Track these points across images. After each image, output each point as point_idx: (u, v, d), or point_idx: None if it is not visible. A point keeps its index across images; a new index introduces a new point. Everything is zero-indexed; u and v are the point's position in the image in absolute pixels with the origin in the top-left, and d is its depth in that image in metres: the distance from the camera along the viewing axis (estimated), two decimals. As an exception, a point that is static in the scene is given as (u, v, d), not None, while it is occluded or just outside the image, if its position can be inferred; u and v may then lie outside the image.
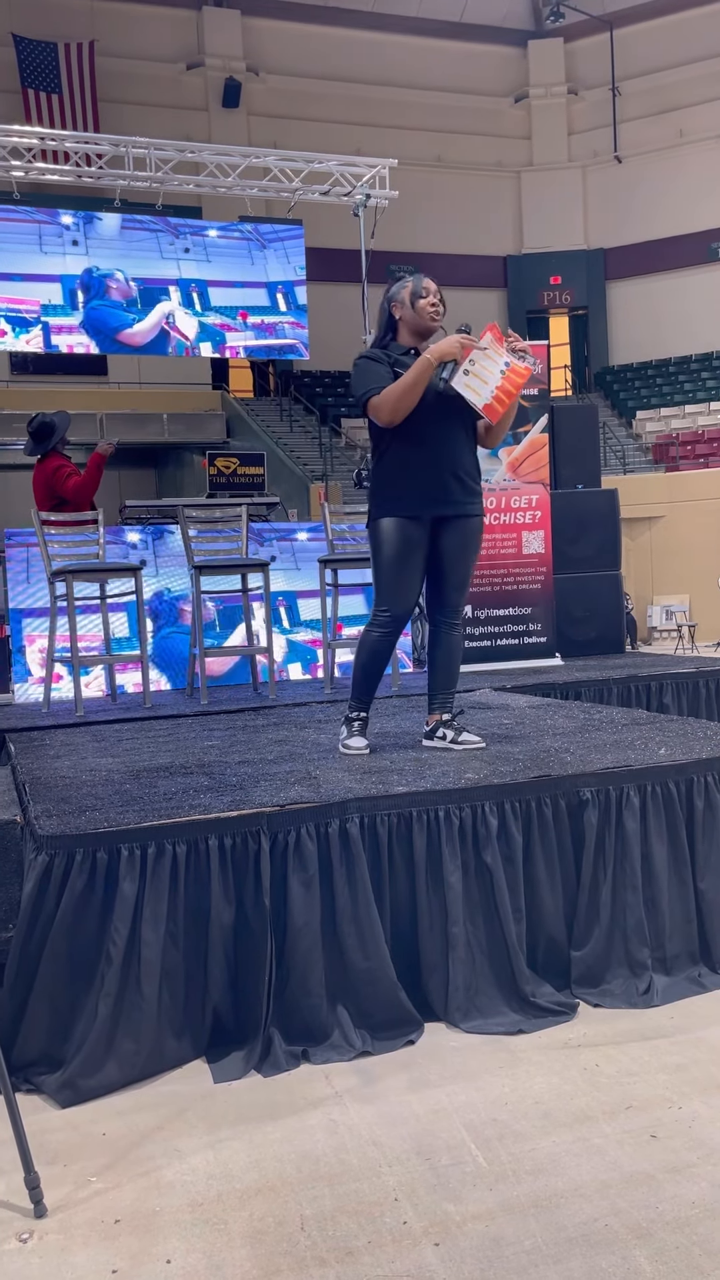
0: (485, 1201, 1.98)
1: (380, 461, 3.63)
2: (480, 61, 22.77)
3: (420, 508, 3.55)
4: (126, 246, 7.42)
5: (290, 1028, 2.63)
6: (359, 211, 8.06)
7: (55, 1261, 1.86)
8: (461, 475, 3.58)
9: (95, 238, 7.33)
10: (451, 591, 3.66)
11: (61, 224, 7.32)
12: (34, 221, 7.25)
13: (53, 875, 2.54)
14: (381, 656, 3.70)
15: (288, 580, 6.51)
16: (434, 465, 3.53)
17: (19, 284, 7.13)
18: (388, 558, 3.58)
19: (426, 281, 3.61)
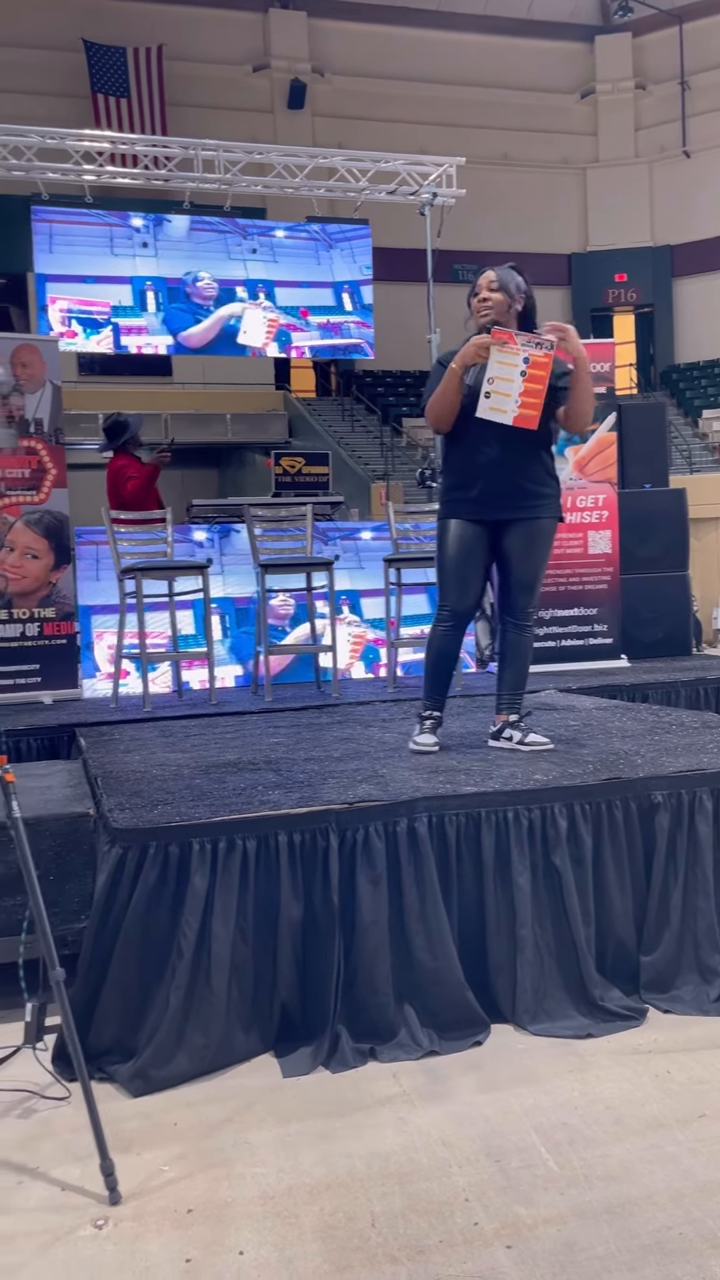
0: (557, 1206, 1.97)
1: (445, 463, 3.68)
2: (546, 58, 22.57)
3: (480, 511, 3.55)
4: (195, 248, 7.50)
5: (357, 1025, 2.64)
6: (425, 211, 8.04)
7: (129, 1249, 1.89)
8: (520, 480, 3.53)
9: (165, 239, 7.42)
10: (518, 593, 3.64)
11: (132, 226, 7.42)
12: (105, 224, 7.36)
13: (126, 868, 2.58)
14: (446, 654, 3.71)
15: (351, 579, 6.52)
16: (492, 471, 3.51)
17: (90, 286, 7.26)
18: (449, 557, 3.61)
19: (483, 277, 3.57)
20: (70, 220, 7.32)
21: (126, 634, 5.41)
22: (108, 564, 5.72)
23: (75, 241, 7.23)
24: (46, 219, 7.28)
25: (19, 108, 18.14)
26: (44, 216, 7.30)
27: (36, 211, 7.27)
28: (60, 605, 5.79)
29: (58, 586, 5.80)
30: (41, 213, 7.30)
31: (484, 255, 20.91)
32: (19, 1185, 2.10)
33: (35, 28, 19.84)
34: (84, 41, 19.93)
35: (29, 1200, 2.05)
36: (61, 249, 7.21)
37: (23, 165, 7.42)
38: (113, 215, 7.42)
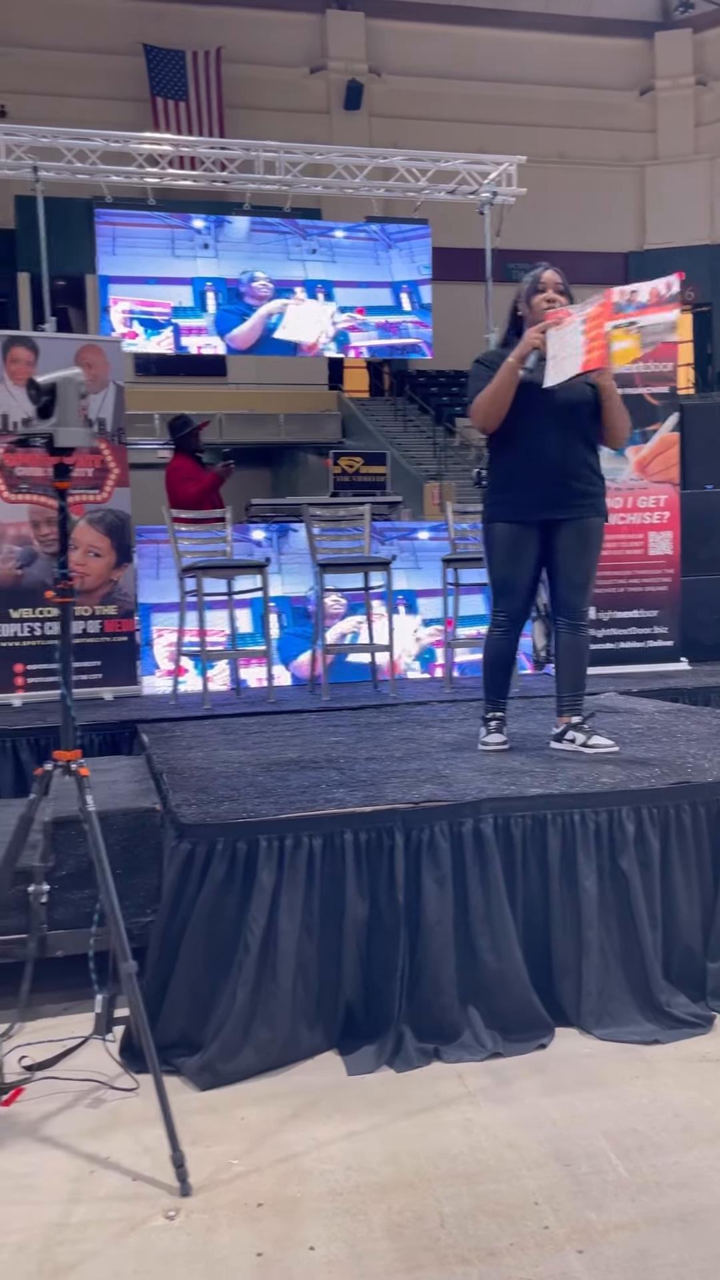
0: (628, 1212, 1.95)
1: (491, 465, 3.65)
2: (605, 55, 22.35)
3: (528, 512, 3.53)
4: (255, 249, 7.55)
5: (421, 1025, 2.63)
6: (485, 210, 8.01)
7: (201, 1240, 1.91)
8: (569, 479, 3.52)
9: (225, 241, 7.48)
10: (571, 592, 3.61)
11: (193, 228, 7.49)
12: (167, 226, 7.43)
13: (194, 863, 2.60)
14: (503, 655, 3.72)
15: (408, 579, 6.52)
16: (542, 470, 3.50)
17: (152, 287, 7.34)
18: (498, 561, 3.61)
19: (546, 275, 3.55)
20: (133, 223, 7.41)
21: (186, 632, 5.46)
22: (168, 562, 5.78)
23: (138, 243, 7.31)
24: (110, 221, 7.37)
25: (80, 112, 18.39)
26: (107, 219, 7.39)
27: (100, 214, 7.36)
28: (121, 603, 5.86)
29: (119, 584, 5.87)
30: (105, 215, 7.39)
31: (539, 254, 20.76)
32: (91, 1174, 2.13)
33: (95, 33, 20.10)
34: (144, 45, 20.14)
35: (101, 1189, 2.08)
36: (124, 251, 7.30)
37: (87, 168, 7.52)
38: (174, 217, 7.49)
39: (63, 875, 2.96)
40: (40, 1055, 2.62)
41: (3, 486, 5.63)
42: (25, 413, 5.69)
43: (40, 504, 5.68)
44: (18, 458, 5.64)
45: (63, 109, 18.64)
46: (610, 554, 6.27)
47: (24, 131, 7.35)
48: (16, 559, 5.65)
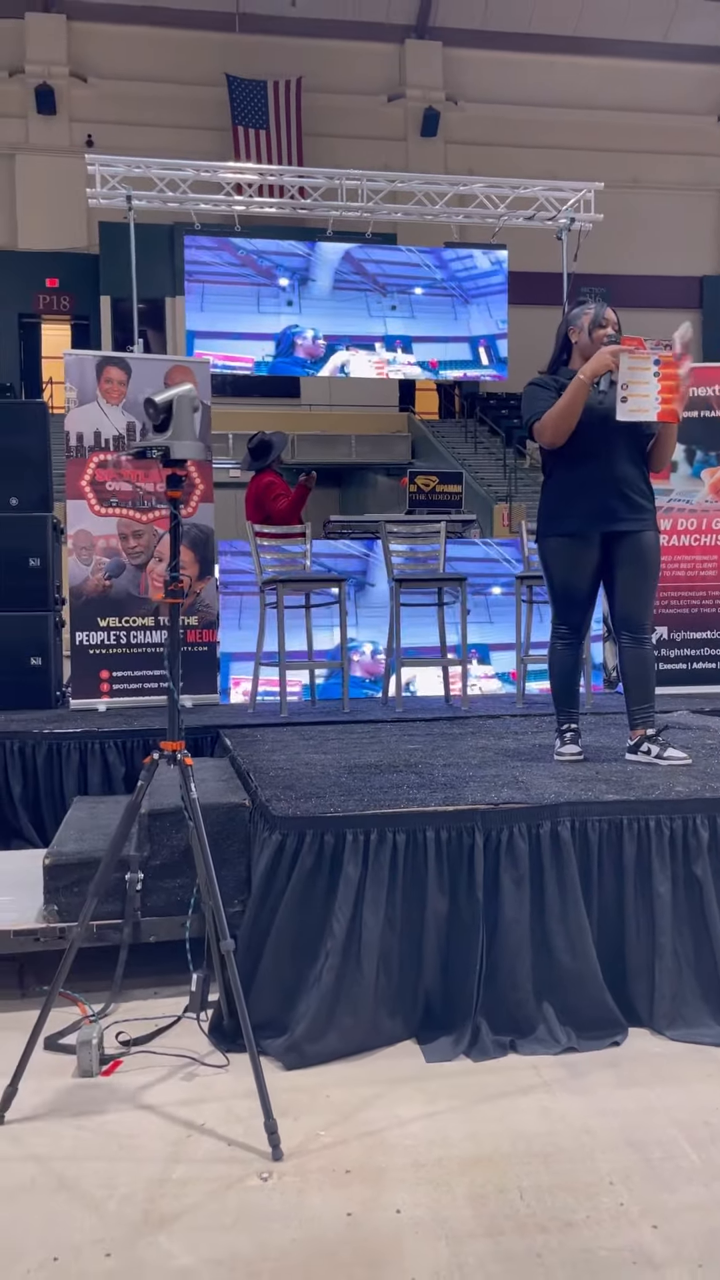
0: (700, 1195, 2.03)
1: (549, 482, 3.77)
2: (682, 80, 22.40)
3: (587, 526, 3.64)
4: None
5: (497, 1018, 2.74)
6: (563, 235, 8.14)
7: (294, 1201, 2.03)
8: (629, 493, 3.63)
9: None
10: (632, 607, 3.68)
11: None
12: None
13: (284, 853, 2.74)
14: (568, 668, 3.85)
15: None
16: (600, 484, 3.61)
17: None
18: (558, 576, 3.73)
19: (609, 312, 3.69)
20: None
21: (265, 642, 5.64)
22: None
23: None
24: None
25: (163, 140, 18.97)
26: (195, 245, 7.67)
27: (189, 240, 7.64)
28: (203, 614, 6.06)
29: (201, 596, 6.07)
30: (193, 244, 7.67)
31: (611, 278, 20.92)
32: (188, 1137, 2.28)
33: (178, 64, 20.75)
34: (226, 75, 20.71)
35: (198, 1151, 2.22)
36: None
37: (177, 197, 7.82)
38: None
39: (156, 865, 3.13)
40: (136, 1032, 2.78)
41: (94, 500, 5.88)
42: (116, 429, 5.95)
43: (128, 517, 5.92)
44: (109, 473, 5.89)
45: (146, 138, 19.25)
46: (684, 575, 6.32)
47: (118, 162, 7.67)
48: (105, 570, 5.89)
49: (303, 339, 7.81)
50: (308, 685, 6.20)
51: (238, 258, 7.72)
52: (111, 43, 20.88)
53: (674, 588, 6.31)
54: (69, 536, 5.91)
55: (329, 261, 7.82)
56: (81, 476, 5.85)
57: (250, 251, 7.73)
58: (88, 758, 4.78)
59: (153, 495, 5.95)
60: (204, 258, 7.66)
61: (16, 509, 5.93)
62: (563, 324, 3.80)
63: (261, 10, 20.52)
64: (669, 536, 6.30)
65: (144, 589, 5.96)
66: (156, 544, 6.00)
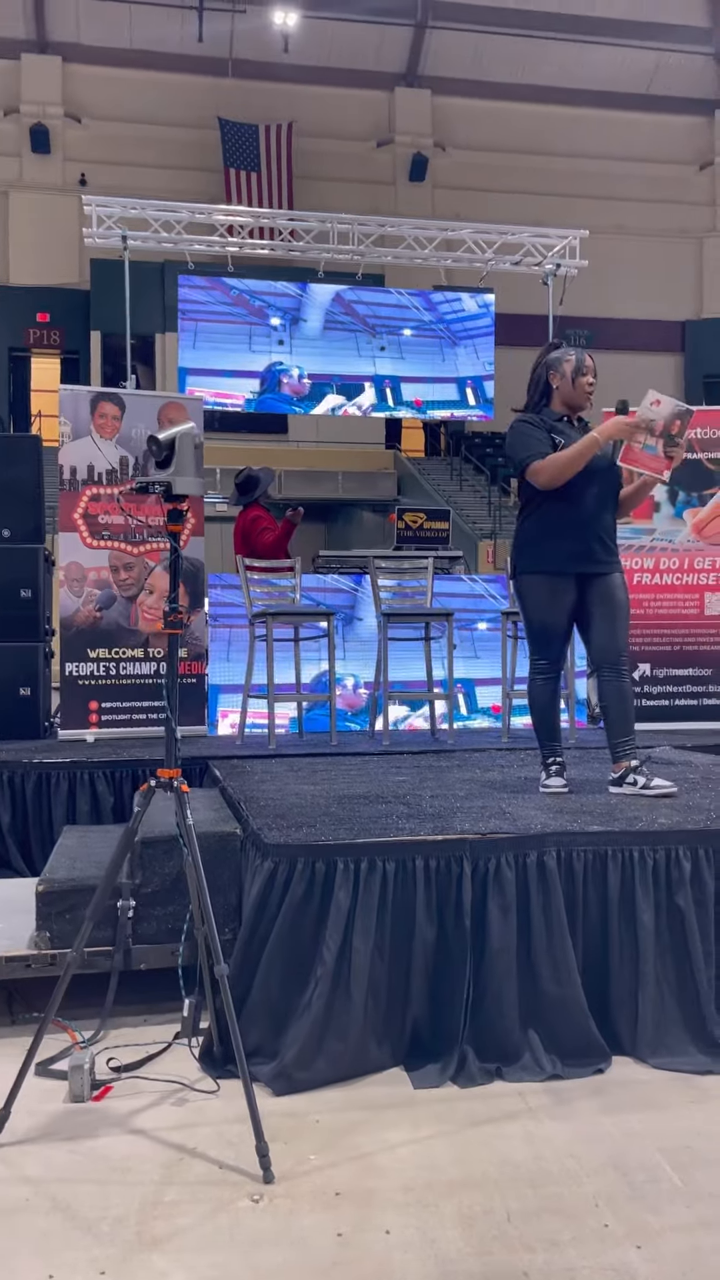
0: (683, 1216, 2.08)
1: (529, 520, 3.89)
2: (665, 131, 22.96)
3: (566, 564, 3.78)
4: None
5: (483, 1046, 2.78)
6: (548, 280, 8.33)
7: (285, 1221, 2.07)
8: (604, 536, 3.82)
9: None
10: (608, 644, 3.81)
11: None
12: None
13: (276, 881, 2.79)
14: (546, 702, 3.96)
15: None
16: (581, 526, 3.78)
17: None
18: (536, 611, 3.86)
19: (589, 359, 3.84)
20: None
21: (254, 675, 5.69)
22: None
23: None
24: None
25: (156, 181, 19.29)
26: (189, 284, 7.81)
27: (183, 280, 7.78)
28: (192, 646, 6.12)
29: (190, 628, 6.13)
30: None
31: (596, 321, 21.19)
32: (179, 1161, 2.30)
33: (172, 107, 21.13)
34: (219, 119, 21.08)
35: (190, 1174, 2.25)
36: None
37: (172, 238, 7.97)
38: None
39: (148, 892, 3.17)
40: (126, 1058, 2.80)
41: (86, 533, 5.94)
42: (110, 464, 6.03)
43: (120, 550, 5.99)
44: (101, 506, 5.96)
45: (139, 178, 19.58)
46: (667, 613, 6.43)
47: (114, 203, 7.82)
48: (96, 602, 5.94)
49: (288, 377, 7.96)
50: (295, 718, 6.26)
51: (230, 297, 7.87)
52: (106, 85, 21.26)
53: (656, 626, 6.42)
54: (60, 568, 5.97)
55: (320, 302, 7.98)
56: (74, 509, 5.92)
57: (243, 291, 7.88)
58: (76, 788, 4.81)
59: (145, 528, 6.02)
60: (197, 296, 7.80)
61: (8, 540, 5.99)
62: (540, 366, 3.91)
63: (254, 56, 20.95)
64: (652, 575, 6.42)
65: (134, 621, 6.02)
66: (147, 576, 6.06)
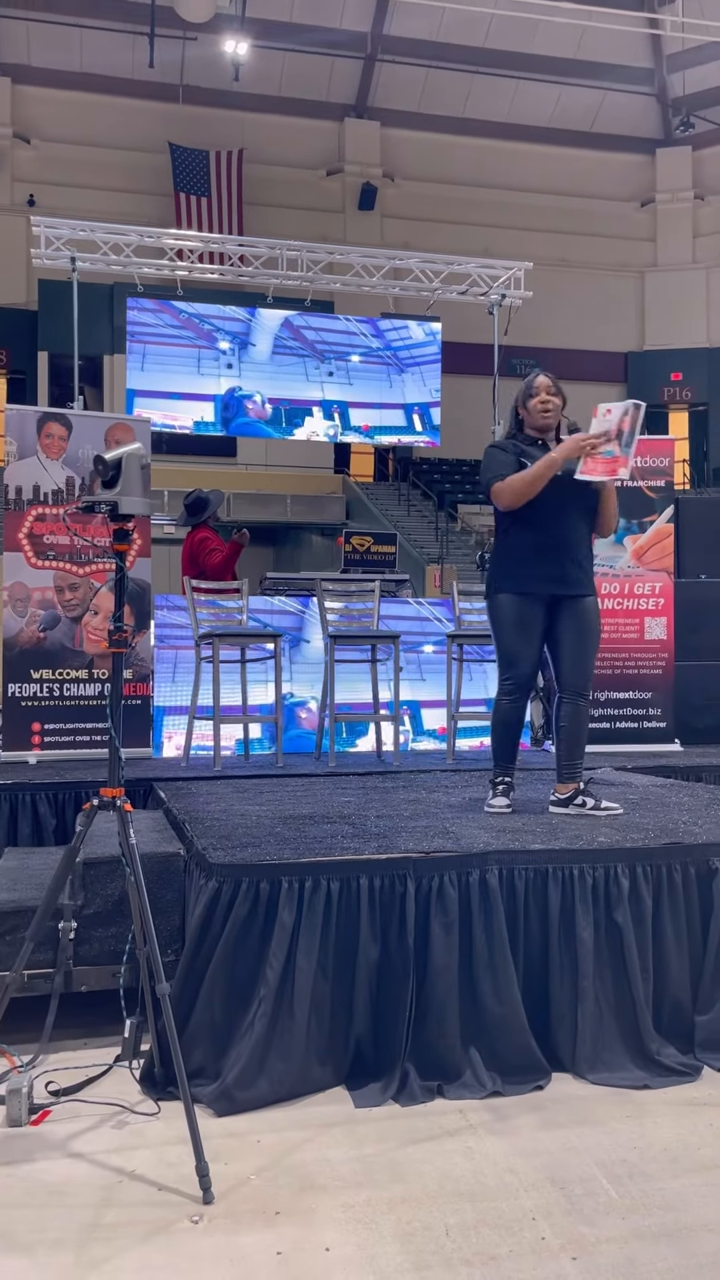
0: (618, 1228, 2.11)
1: (503, 541, 3.95)
2: (608, 168, 23.49)
3: (538, 586, 3.84)
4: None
5: (425, 1064, 2.80)
6: (494, 310, 8.49)
7: (224, 1241, 2.06)
8: (579, 559, 3.87)
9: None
10: (575, 669, 3.88)
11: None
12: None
13: (220, 901, 2.79)
14: (512, 723, 3.98)
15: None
16: (553, 549, 3.83)
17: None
18: (507, 630, 3.90)
19: (538, 380, 3.96)
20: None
21: (200, 697, 5.68)
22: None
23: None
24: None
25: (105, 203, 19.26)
26: (138, 307, 7.83)
27: (131, 302, 7.80)
28: (138, 668, 6.09)
29: (136, 650, 6.10)
30: (135, 305, 7.83)
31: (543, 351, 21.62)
32: (119, 1183, 2.29)
33: (122, 130, 21.15)
34: (169, 144, 21.16)
35: (129, 1196, 2.23)
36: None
37: (121, 260, 7.98)
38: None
39: (90, 914, 3.15)
40: (65, 1081, 2.78)
41: (31, 553, 5.91)
42: (56, 484, 6.01)
43: (65, 570, 5.96)
44: (47, 526, 5.93)
45: (89, 200, 19.54)
46: (608, 637, 6.54)
47: (63, 225, 7.82)
48: (40, 622, 5.90)
49: (253, 402, 8.01)
50: (241, 740, 6.25)
51: (179, 320, 7.90)
52: (56, 107, 21.23)
53: (599, 649, 6.53)
54: (4, 588, 5.92)
55: (269, 328, 8.04)
56: (19, 529, 5.88)
57: (192, 315, 7.91)
58: (18, 809, 4.75)
59: (91, 549, 6.00)
60: (146, 319, 7.82)
61: (-49, 560, 5.94)
62: (517, 395, 4.04)
63: (205, 83, 21.06)
64: (594, 599, 6.53)
65: (79, 642, 5.98)
66: (93, 597, 6.03)
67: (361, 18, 20.94)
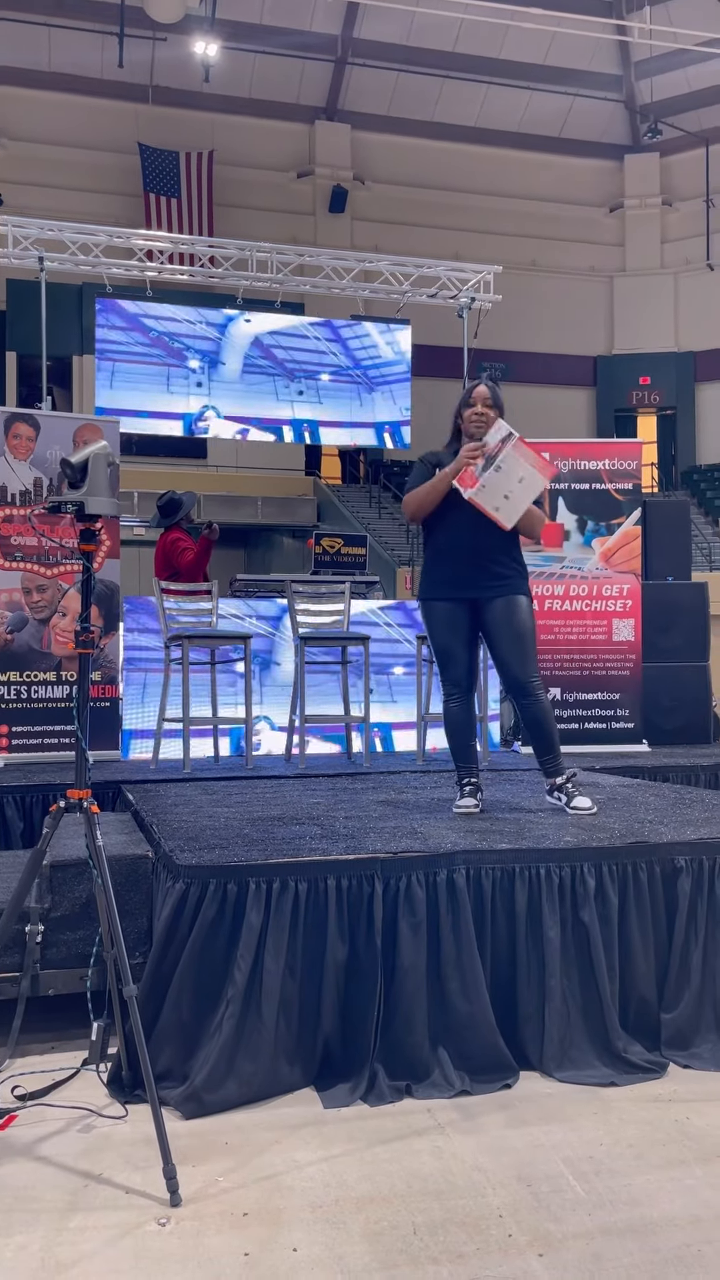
0: (584, 1224, 2.13)
1: (425, 549, 4.06)
2: (577, 173, 23.66)
3: (454, 590, 3.92)
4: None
5: (393, 1064, 2.80)
6: (463, 313, 8.52)
7: (192, 1243, 2.06)
8: (486, 562, 3.91)
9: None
10: (515, 668, 3.90)
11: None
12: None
13: (188, 902, 2.78)
14: (462, 723, 4.05)
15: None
16: (465, 554, 3.91)
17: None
18: (437, 634, 4.01)
19: (477, 391, 3.98)
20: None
21: (169, 699, 5.66)
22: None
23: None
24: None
25: (75, 203, 19.17)
26: (109, 324, 7.80)
27: (101, 318, 7.76)
28: (106, 670, 6.06)
29: (104, 652, 6.08)
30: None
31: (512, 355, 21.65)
32: (85, 1187, 2.28)
33: (92, 130, 21.04)
34: (139, 145, 21.07)
35: (96, 1200, 2.22)
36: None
37: (89, 260, 7.95)
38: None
39: (57, 917, 3.12)
40: (32, 1086, 2.76)
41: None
42: (23, 485, 5.97)
43: (33, 572, 5.92)
44: (14, 527, 5.89)
45: (58, 200, 19.42)
46: (576, 639, 6.60)
47: (32, 224, 7.77)
48: (8, 624, 5.85)
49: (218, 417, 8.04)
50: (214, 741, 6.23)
51: (149, 339, 7.89)
52: (25, 106, 21.07)
53: (566, 651, 6.58)
54: (-29, 590, 5.87)
55: (239, 346, 8.05)
56: (-14, 530, 5.84)
57: (162, 334, 7.90)
58: (-15, 813, 4.71)
59: (59, 550, 5.96)
60: (116, 337, 7.81)
61: None
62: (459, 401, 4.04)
63: (175, 84, 21.00)
64: (562, 602, 6.58)
65: (46, 644, 5.95)
66: (61, 599, 6.00)
67: (332, 20, 20.95)
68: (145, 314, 7.90)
